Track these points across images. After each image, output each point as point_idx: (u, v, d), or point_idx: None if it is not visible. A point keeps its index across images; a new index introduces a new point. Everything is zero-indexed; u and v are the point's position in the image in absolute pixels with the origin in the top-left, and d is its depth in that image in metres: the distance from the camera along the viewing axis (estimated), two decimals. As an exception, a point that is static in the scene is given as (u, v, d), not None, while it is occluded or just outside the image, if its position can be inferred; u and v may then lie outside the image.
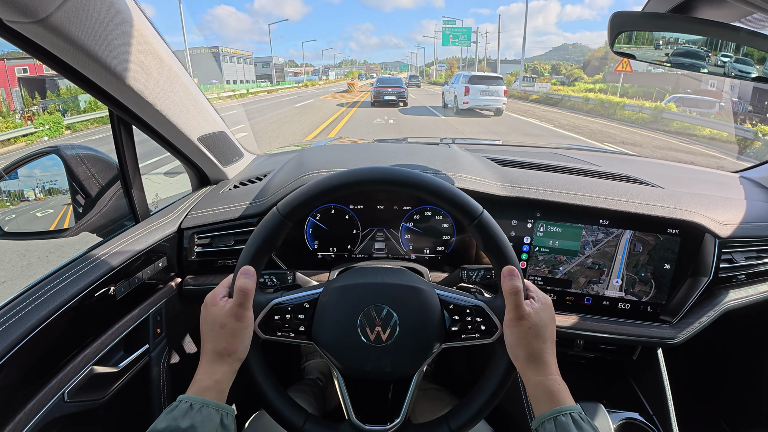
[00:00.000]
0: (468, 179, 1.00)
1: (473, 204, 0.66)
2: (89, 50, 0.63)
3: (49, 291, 0.70)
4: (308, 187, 0.66)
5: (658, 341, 0.99)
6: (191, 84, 0.93)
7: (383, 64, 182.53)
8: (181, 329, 1.11)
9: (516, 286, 0.62)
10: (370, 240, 1.06)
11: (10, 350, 0.61)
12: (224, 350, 0.60)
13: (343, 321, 0.65)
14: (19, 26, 0.56)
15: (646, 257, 1.00)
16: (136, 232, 0.91)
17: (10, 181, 0.92)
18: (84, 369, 0.73)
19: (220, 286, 0.65)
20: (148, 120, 0.88)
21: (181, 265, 1.02)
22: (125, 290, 0.83)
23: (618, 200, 0.98)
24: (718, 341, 1.36)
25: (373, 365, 0.65)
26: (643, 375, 1.12)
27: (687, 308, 1.00)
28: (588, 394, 1.01)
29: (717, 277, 1.00)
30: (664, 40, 0.68)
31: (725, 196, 1.13)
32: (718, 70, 0.68)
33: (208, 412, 0.54)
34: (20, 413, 0.63)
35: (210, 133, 1.05)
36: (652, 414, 1.05)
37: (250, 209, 1.01)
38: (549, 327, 0.63)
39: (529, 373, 0.61)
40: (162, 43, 0.80)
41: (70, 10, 0.57)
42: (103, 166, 0.95)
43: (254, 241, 0.65)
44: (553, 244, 1.01)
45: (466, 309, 0.66)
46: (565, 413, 0.55)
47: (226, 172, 1.20)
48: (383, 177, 0.66)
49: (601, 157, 1.48)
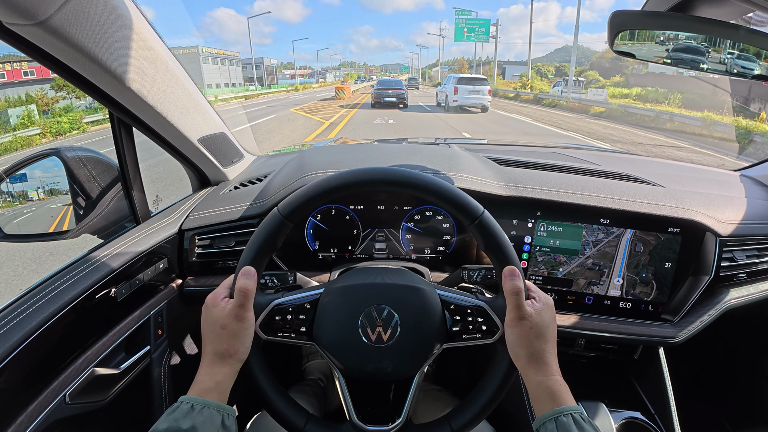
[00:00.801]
0: (468, 179, 1.00)
1: (474, 204, 0.66)
2: (89, 52, 0.63)
3: (50, 293, 0.70)
4: (309, 188, 0.66)
5: (660, 340, 0.99)
6: (191, 85, 0.93)
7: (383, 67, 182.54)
8: (182, 331, 1.11)
9: (517, 286, 0.62)
10: (371, 240, 1.06)
11: (12, 352, 0.61)
12: (225, 351, 0.60)
13: (344, 321, 0.65)
14: (19, 28, 0.56)
15: (647, 258, 1.00)
16: (137, 234, 0.91)
17: (11, 183, 0.92)
18: (85, 371, 0.74)
19: (221, 286, 0.65)
20: (149, 121, 0.88)
21: (182, 267, 1.02)
22: (126, 292, 0.83)
23: (619, 199, 0.98)
24: (719, 340, 1.36)
25: (374, 366, 0.65)
26: (645, 374, 1.11)
27: (688, 307, 1.00)
28: (589, 393, 1.01)
29: (718, 276, 1.00)
30: (664, 37, 0.68)
31: (726, 194, 1.13)
32: (719, 67, 0.68)
33: (209, 413, 0.54)
34: (22, 415, 0.63)
35: (210, 135, 1.05)
36: (653, 413, 1.05)
37: (251, 210, 1.01)
38: (550, 327, 0.63)
39: (531, 374, 0.61)
40: (162, 45, 0.80)
41: (70, 12, 0.57)
42: (104, 167, 0.95)
43: (255, 242, 0.65)
44: (554, 244, 1.01)
45: (467, 309, 0.66)
46: (566, 413, 0.55)
47: (226, 173, 1.20)
48: (384, 177, 0.66)
49: (602, 156, 1.48)
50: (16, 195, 0.94)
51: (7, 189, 0.92)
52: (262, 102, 26.84)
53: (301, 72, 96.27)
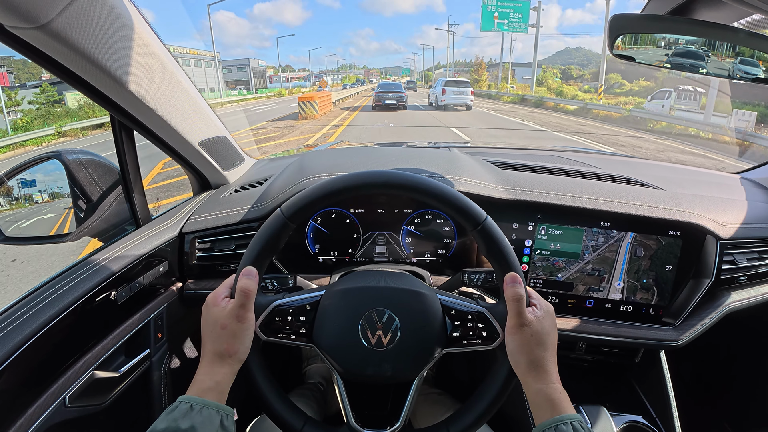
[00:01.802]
0: (469, 182, 1.00)
1: (477, 210, 0.66)
2: (90, 55, 0.64)
3: (50, 296, 0.70)
4: (312, 190, 0.66)
5: (661, 344, 0.99)
6: (192, 89, 0.94)
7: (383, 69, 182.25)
8: (182, 334, 1.11)
9: (518, 293, 0.62)
10: (371, 244, 1.06)
11: (11, 355, 0.60)
12: (225, 351, 0.60)
13: (344, 324, 0.65)
14: (21, 32, 0.56)
15: (648, 263, 1.00)
16: (137, 237, 0.91)
17: (12, 185, 0.92)
18: (85, 374, 0.73)
19: (221, 286, 0.65)
20: (150, 125, 0.88)
21: (182, 270, 1.02)
22: (126, 295, 0.83)
23: (619, 202, 0.98)
24: (721, 343, 1.35)
25: (373, 369, 0.65)
26: (646, 378, 1.11)
27: (689, 310, 1.00)
28: (590, 397, 1.01)
29: (719, 279, 1.00)
30: (665, 41, 0.68)
31: (726, 197, 1.13)
32: (721, 72, 0.68)
33: (208, 413, 0.54)
34: (21, 418, 0.62)
35: (211, 138, 1.05)
36: (655, 417, 1.04)
37: (251, 213, 1.01)
38: (551, 335, 0.63)
39: (530, 381, 0.61)
40: (163, 48, 0.80)
41: (72, 15, 0.57)
42: (105, 170, 0.95)
43: (257, 243, 0.65)
44: (555, 247, 1.01)
45: (468, 315, 0.66)
46: (566, 422, 0.55)
47: (227, 177, 1.20)
48: (387, 180, 0.66)
49: (602, 160, 1.48)
50: (17, 198, 0.94)
51: (8, 192, 0.93)
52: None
53: (298, 75, 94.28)
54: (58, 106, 19.20)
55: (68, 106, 18.86)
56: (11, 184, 0.92)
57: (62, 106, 19.23)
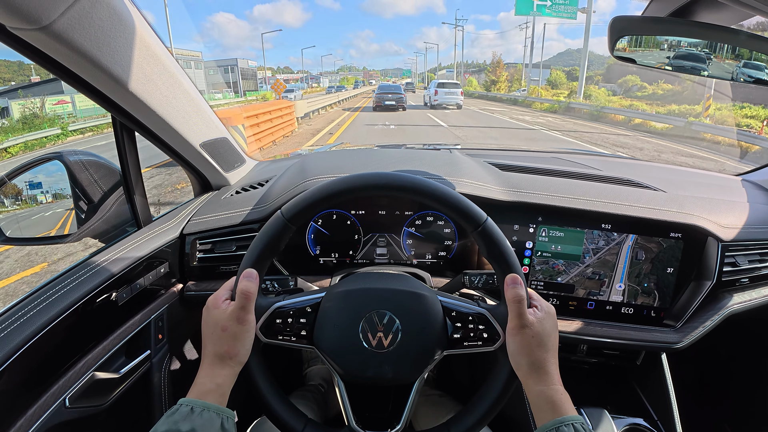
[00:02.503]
0: (470, 184, 1.00)
1: (478, 211, 0.66)
2: (92, 57, 0.64)
3: (50, 296, 0.70)
4: (313, 192, 0.66)
5: (662, 346, 0.99)
6: (193, 90, 0.94)
7: (383, 71, 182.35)
8: (183, 335, 1.11)
9: (519, 294, 0.62)
10: (372, 245, 1.06)
11: (12, 356, 0.60)
12: (225, 353, 0.60)
13: (345, 326, 0.65)
14: (23, 33, 0.57)
15: (649, 266, 1.00)
16: (138, 238, 0.91)
17: (13, 186, 0.92)
18: (85, 375, 0.73)
19: (222, 288, 0.65)
20: (151, 126, 0.89)
21: (183, 271, 1.02)
22: (127, 296, 0.83)
23: (620, 204, 0.98)
24: (722, 345, 1.35)
25: (374, 371, 0.65)
26: (648, 380, 1.11)
27: (690, 312, 0.99)
28: (592, 399, 1.00)
29: (720, 281, 0.99)
30: (667, 44, 0.68)
31: (728, 199, 1.13)
32: (724, 74, 0.68)
33: (208, 415, 0.54)
34: (21, 419, 0.62)
35: (212, 139, 1.05)
36: (656, 419, 1.04)
37: (252, 215, 1.01)
38: (552, 336, 0.62)
39: (531, 383, 0.60)
40: (164, 50, 0.80)
41: (73, 17, 0.58)
42: (106, 171, 0.96)
43: (257, 245, 0.65)
44: (556, 249, 1.01)
45: (469, 316, 0.66)
46: (567, 423, 0.55)
47: (228, 178, 1.20)
48: (387, 182, 0.66)
49: (603, 162, 1.48)
50: (19, 198, 0.95)
51: (10, 192, 0.93)
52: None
53: (295, 77, 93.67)
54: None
55: (12, 117, 15.59)
56: (13, 185, 0.92)
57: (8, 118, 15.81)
